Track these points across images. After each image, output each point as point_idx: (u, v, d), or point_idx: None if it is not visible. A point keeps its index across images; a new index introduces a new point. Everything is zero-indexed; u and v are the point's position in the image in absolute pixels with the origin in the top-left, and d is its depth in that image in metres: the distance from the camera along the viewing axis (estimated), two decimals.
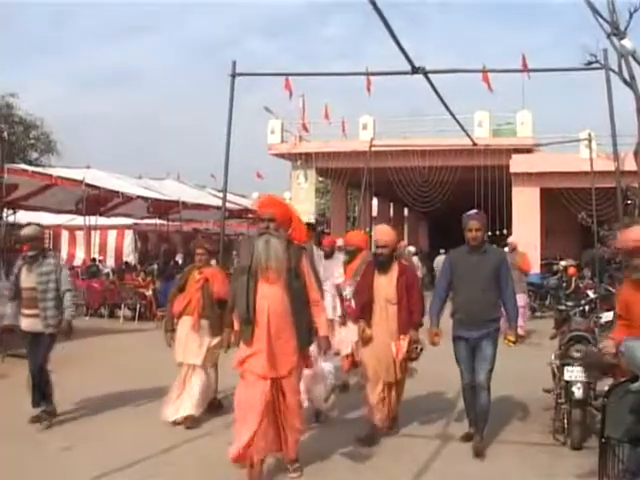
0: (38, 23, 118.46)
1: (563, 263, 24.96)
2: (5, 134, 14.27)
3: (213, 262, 10.14)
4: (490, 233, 29.20)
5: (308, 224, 10.65)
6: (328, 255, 11.32)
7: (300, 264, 6.91)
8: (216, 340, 9.03)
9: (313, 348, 7.28)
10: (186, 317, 9.07)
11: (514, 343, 9.29)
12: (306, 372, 7.66)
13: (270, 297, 6.74)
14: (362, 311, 8.47)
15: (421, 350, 8.31)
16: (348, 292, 9.90)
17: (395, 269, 8.39)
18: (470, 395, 8.11)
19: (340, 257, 11.45)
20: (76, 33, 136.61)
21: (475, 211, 8.38)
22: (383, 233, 8.65)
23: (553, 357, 8.90)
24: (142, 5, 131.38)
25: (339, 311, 10.42)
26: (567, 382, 8.06)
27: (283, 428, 6.90)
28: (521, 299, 15.14)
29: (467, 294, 7.94)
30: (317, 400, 8.66)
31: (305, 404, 8.00)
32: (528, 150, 30.66)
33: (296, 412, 6.92)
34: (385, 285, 8.34)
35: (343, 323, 10.38)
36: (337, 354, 10.29)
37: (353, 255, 10.64)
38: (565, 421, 8.06)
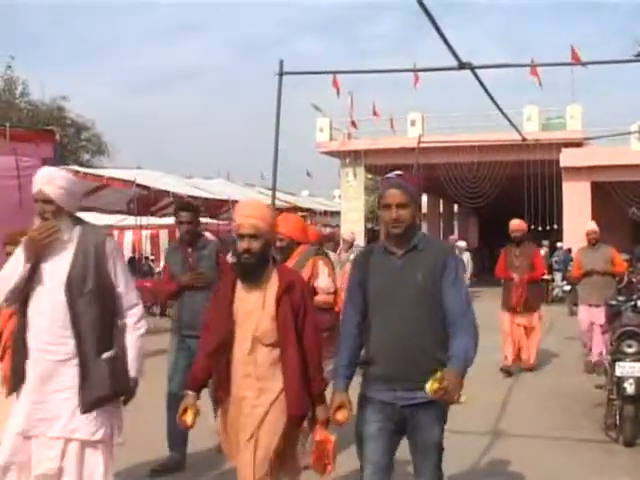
0: (90, 26, 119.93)
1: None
2: (57, 136, 14.41)
3: None
4: (540, 228, 29.10)
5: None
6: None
7: None
8: None
9: None
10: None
11: (454, 401, 4.17)
12: None
13: None
14: (208, 361, 4.72)
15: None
16: None
17: (273, 279, 4.65)
18: None
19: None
20: (126, 35, 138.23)
21: (397, 172, 4.56)
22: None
23: (604, 353, 8.84)
24: (192, 5, 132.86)
25: None
26: (619, 378, 7.97)
27: None
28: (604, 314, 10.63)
29: (389, 324, 4.41)
30: None
31: None
32: (578, 144, 30.33)
33: None
34: (254, 309, 4.61)
35: None
36: None
37: (286, 252, 6.78)
38: (617, 417, 7.98)
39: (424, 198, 41.20)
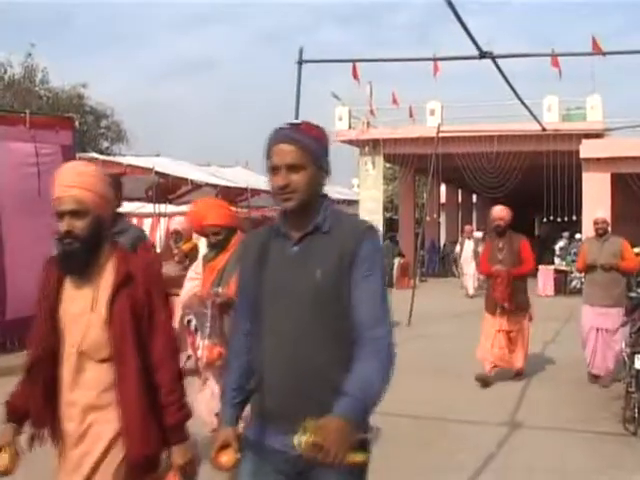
0: (111, 16, 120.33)
1: (637, 250, 24.50)
2: (77, 123, 14.51)
3: None
4: (559, 219, 28.98)
5: None
6: None
7: None
8: None
9: None
10: None
11: (337, 461, 2.57)
12: None
13: None
14: (28, 386, 3.40)
15: None
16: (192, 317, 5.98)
17: (109, 270, 3.39)
18: None
19: None
20: (148, 24, 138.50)
21: (293, 122, 3.11)
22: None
23: (623, 345, 8.79)
24: None
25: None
26: (638, 370, 7.91)
27: None
28: (616, 317, 9.92)
29: (274, 339, 3.06)
30: None
31: None
32: (598, 135, 30.13)
33: None
34: (82, 312, 3.35)
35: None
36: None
37: (224, 244, 6.00)
38: (635, 410, 7.93)
39: (442, 188, 41.06)
